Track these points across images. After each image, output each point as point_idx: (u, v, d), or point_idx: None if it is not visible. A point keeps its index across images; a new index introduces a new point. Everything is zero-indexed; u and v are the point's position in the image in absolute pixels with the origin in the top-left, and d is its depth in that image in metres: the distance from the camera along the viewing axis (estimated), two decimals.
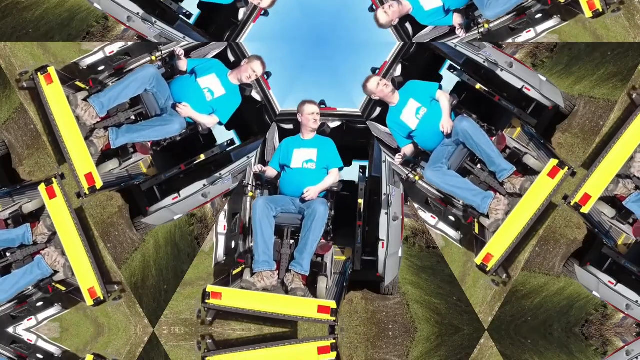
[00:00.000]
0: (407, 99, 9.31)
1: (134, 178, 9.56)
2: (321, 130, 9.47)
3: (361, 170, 9.70)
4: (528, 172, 9.15)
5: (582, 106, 9.41)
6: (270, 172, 9.44)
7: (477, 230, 9.31)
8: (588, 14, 9.08)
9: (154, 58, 9.33)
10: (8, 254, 9.17)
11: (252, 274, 9.04)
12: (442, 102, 9.26)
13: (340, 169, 9.42)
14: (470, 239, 9.47)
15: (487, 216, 9.03)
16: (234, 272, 9.35)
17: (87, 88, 9.22)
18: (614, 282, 9.13)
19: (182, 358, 9.49)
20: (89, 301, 9.06)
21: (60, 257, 9.12)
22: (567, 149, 9.33)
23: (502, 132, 9.26)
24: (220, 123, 9.49)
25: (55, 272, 9.13)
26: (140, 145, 9.27)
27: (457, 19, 9.33)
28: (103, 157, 9.30)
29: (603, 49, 9.37)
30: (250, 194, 9.40)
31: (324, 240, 9.17)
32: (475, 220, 9.24)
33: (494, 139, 9.12)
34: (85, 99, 9.09)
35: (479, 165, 9.18)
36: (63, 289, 9.27)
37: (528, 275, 9.41)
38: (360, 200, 9.47)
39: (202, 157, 9.51)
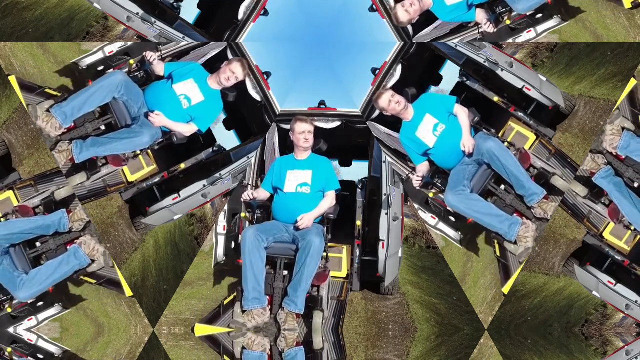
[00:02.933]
0: (423, 114, 9.00)
1: (111, 188, 9.30)
2: (317, 149, 9.19)
3: (359, 185, 9.46)
4: (554, 192, 8.98)
5: (582, 106, 9.41)
6: (263, 194, 9.05)
7: (498, 253, 9.23)
8: (627, 4, 9.07)
9: (132, 62, 9.02)
10: (38, 244, 8.92)
11: (243, 312, 8.73)
12: (461, 118, 8.91)
13: (337, 192, 8.99)
14: (470, 239, 9.47)
15: (515, 242, 8.78)
16: (225, 302, 9.13)
17: (59, 95, 9.05)
18: (614, 282, 9.11)
19: (182, 358, 9.49)
20: (129, 292, 9.01)
21: (98, 246, 8.89)
22: (567, 149, 9.33)
23: (524, 149, 9.02)
24: (199, 131, 9.14)
25: (92, 261, 8.93)
26: (111, 157, 8.95)
27: (480, 15, 9.09)
28: (75, 169, 9.09)
29: (603, 49, 9.37)
30: (243, 214, 9.04)
31: (321, 267, 8.82)
32: (496, 241, 9.18)
33: (516, 155, 8.84)
34: (48, 109, 8.73)
35: (502, 186, 8.87)
36: (93, 281, 9.19)
37: (528, 275, 9.41)
38: (359, 222, 9.22)
39: (183, 166, 9.34)
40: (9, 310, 9.01)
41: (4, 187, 9.12)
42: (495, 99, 9.13)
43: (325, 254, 8.86)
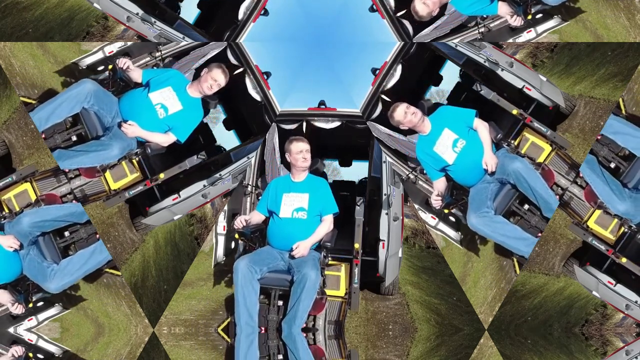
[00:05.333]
0: (441, 129, 8.71)
1: (92, 197, 9.10)
2: (314, 169, 8.86)
3: (359, 202, 8.99)
4: None
5: (583, 106, 9.41)
6: (257, 217, 8.74)
7: (518, 271, 9.22)
8: None
9: (110, 67, 8.79)
10: (67, 233, 8.76)
11: None
12: (482, 133, 8.61)
13: (335, 214, 8.65)
14: (470, 239, 9.46)
15: None
16: (219, 328, 8.96)
17: (33, 103, 8.92)
18: (614, 282, 9.09)
19: (182, 358, 9.49)
20: None
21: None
22: (567, 149, 9.32)
23: (547, 166, 8.85)
24: (178, 141, 8.84)
25: None
26: (84, 169, 8.77)
27: (503, 8, 8.82)
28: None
29: (603, 49, 9.37)
30: (237, 236, 8.67)
31: (318, 291, 8.51)
32: (515, 259, 9.14)
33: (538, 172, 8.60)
34: None
35: (526, 206, 8.72)
36: (118, 273, 9.14)
37: (528, 275, 9.42)
38: (357, 245, 8.81)
39: (162, 176, 9.01)
40: (30, 305, 8.84)
41: (20, 179, 8.91)
42: (514, 111, 8.88)
43: (322, 278, 8.59)
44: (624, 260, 8.84)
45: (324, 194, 8.69)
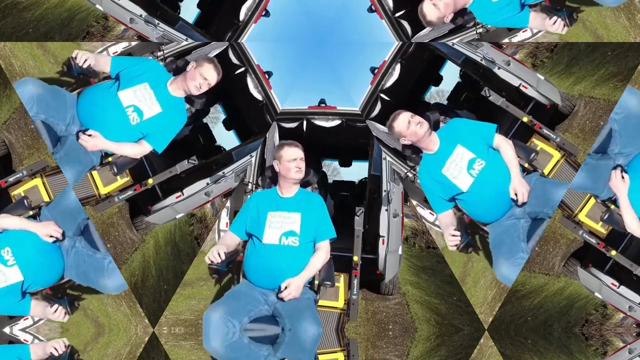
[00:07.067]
0: (453, 146, 7.14)
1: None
2: (305, 181, 7.22)
3: (358, 213, 7.75)
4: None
5: (582, 106, 9.41)
6: (231, 239, 6.95)
7: None
8: None
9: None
10: None
11: None
12: (506, 153, 6.96)
13: (332, 240, 6.97)
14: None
15: None
16: None
17: None
18: (617, 284, 9.08)
19: (182, 358, 9.48)
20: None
21: None
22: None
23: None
24: (154, 152, 7.29)
25: None
26: None
27: (536, 20, 7.53)
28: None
29: (603, 49, 9.38)
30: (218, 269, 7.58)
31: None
32: None
33: None
34: None
35: None
36: None
37: (528, 275, 9.40)
38: (356, 257, 7.63)
39: (151, 181, 8.27)
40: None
41: (31, 174, 8.63)
42: (525, 118, 8.50)
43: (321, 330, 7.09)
44: (613, 253, 8.79)
45: (319, 214, 7.07)
